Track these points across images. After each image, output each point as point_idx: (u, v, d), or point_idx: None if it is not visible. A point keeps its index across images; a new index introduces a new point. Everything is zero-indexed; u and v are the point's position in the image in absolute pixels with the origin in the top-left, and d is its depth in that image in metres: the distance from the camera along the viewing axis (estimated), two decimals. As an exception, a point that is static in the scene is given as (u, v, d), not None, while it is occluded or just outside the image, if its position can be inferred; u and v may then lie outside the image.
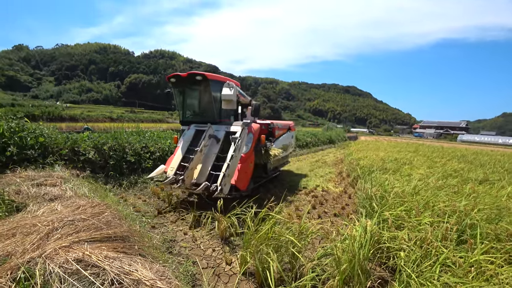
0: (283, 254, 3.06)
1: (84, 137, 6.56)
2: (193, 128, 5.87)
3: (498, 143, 55.42)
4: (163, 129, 17.08)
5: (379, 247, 3.12)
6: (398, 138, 51.14)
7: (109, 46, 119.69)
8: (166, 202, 5.30)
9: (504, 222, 3.41)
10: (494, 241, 3.02)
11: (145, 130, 10.90)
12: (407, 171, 7.45)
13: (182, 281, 2.72)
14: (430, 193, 4.61)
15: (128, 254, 2.35)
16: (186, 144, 5.59)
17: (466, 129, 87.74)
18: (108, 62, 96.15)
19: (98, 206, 3.28)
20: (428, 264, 2.62)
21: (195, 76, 5.67)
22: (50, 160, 5.44)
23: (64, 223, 2.65)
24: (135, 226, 3.60)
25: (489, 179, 7.12)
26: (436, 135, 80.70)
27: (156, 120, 44.64)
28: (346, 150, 16.29)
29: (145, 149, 7.30)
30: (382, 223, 3.52)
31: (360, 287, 2.54)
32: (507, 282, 2.27)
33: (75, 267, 1.95)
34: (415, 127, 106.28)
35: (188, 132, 5.80)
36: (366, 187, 5.39)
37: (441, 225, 3.22)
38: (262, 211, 3.42)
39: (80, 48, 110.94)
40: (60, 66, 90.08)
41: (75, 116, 34.20)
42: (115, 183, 6.10)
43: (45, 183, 4.26)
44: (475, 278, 2.38)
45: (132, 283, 1.90)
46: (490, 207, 4.03)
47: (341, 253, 2.75)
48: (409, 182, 5.65)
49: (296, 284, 2.66)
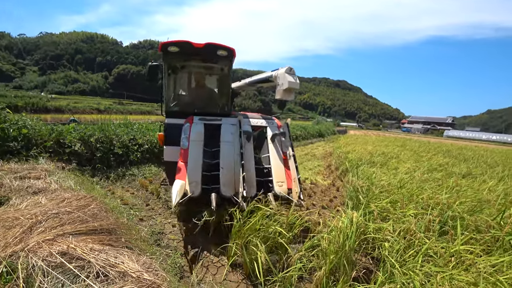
0: (271, 245, 3.10)
1: (69, 129, 6.40)
2: (200, 123, 4.30)
3: (482, 139, 57.11)
4: (151, 121, 16.85)
5: (365, 238, 3.19)
6: (387, 133, 52.00)
7: (96, 35, 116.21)
8: (155, 195, 5.26)
9: (484, 214, 3.54)
10: (474, 232, 3.13)
11: (133, 122, 10.71)
12: (394, 165, 7.60)
13: (170, 273, 2.72)
14: (415, 186, 4.74)
15: (115, 247, 2.33)
16: (200, 146, 4.09)
17: (452, 125, 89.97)
18: (95, 52, 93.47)
19: (84, 198, 3.23)
20: (411, 254, 2.70)
21: (216, 49, 4.35)
22: (34, 152, 5.29)
23: (48, 216, 2.59)
24: (122, 219, 3.56)
25: (472, 173, 7.35)
26: (423, 130, 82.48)
27: (145, 112, 43.92)
28: (335, 143, 16.47)
29: (133, 141, 7.18)
30: (368, 215, 3.60)
31: (345, 277, 2.60)
32: (485, 271, 2.36)
33: (59, 260, 1.92)
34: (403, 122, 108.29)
35: (196, 129, 4.21)
36: (353, 180, 5.48)
37: (424, 217, 3.31)
38: (251, 204, 3.43)
39: (65, 37, 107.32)
40: (44, 56, 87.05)
41: (61, 107, 33.28)
42: (102, 175, 6.00)
43: (28, 176, 4.15)
44: (455, 267, 2.47)
45: (118, 275, 1.89)
46: (471, 200, 4.17)
47: (327, 244, 2.80)
48: (396, 175, 5.78)
49: (283, 274, 2.70)
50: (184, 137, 4.10)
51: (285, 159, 4.32)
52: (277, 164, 4.17)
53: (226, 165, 3.92)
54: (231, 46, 4.44)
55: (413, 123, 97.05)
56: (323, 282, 2.62)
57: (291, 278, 2.69)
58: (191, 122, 4.28)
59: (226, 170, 3.88)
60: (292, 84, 4.01)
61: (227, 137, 4.23)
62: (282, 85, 4.09)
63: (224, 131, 4.28)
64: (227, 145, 4.14)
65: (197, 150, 4.00)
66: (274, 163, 4.18)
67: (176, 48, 4.31)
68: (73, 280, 1.81)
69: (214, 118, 4.42)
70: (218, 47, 4.37)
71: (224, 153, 4.05)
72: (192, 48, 4.34)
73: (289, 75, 4.04)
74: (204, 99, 5.14)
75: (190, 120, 4.30)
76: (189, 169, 3.77)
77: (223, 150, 4.08)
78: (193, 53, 4.49)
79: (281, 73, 4.10)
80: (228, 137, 4.22)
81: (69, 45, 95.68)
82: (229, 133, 4.28)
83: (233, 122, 4.44)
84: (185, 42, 4.29)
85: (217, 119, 4.40)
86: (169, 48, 4.29)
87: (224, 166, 3.90)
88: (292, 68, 4.13)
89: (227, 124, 4.35)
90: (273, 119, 4.79)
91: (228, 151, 4.09)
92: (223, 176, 3.81)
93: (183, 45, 4.30)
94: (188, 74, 5.04)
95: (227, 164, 3.94)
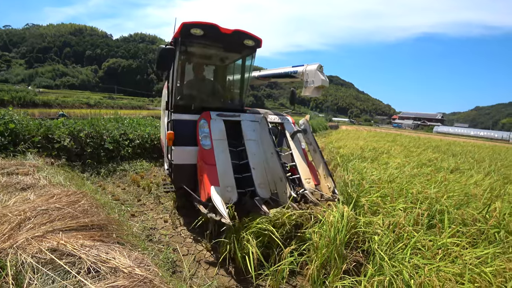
0: (263, 240, 3.12)
1: (58, 124, 6.28)
2: (219, 119, 3.89)
3: (470, 134, 58.32)
4: (143, 116, 16.65)
5: (355, 232, 3.24)
6: (378, 128, 52.63)
7: (86, 28, 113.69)
8: (146, 190, 5.22)
9: (470, 208, 3.64)
10: (460, 225, 3.22)
11: (124, 117, 10.58)
12: (385, 160, 7.71)
13: (162, 268, 2.72)
14: (405, 181, 4.82)
15: (106, 243, 2.31)
16: (225, 146, 3.71)
17: (441, 121, 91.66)
18: (85, 45, 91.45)
19: (74, 194, 3.18)
20: (400, 247, 2.76)
21: (244, 37, 3.97)
22: (21, 148, 5.18)
23: (37, 213, 2.55)
24: (113, 215, 3.53)
25: (460, 168, 7.51)
26: (414, 126, 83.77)
27: (136, 106, 43.42)
28: (327, 138, 16.59)
29: (124, 136, 7.10)
30: (359, 209, 3.66)
31: (336, 270, 2.65)
32: (470, 263, 2.44)
33: (49, 256, 1.89)
34: (394, 117, 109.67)
35: (217, 126, 3.82)
36: (344, 175, 5.55)
37: (413, 211, 3.38)
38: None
39: (53, 29, 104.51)
40: (31, 48, 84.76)
41: (49, 101, 32.63)
42: (92, 171, 5.92)
43: (16, 172, 4.06)
44: (442, 259, 2.54)
45: (109, 271, 1.88)
46: (458, 194, 4.27)
47: (318, 238, 2.84)
48: (386, 170, 5.87)
49: (275, 268, 2.73)
50: (204, 135, 3.69)
51: (306, 155, 4.20)
52: (301, 161, 4.02)
53: (256, 165, 3.64)
54: (258, 36, 4.07)
55: (403, 118, 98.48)
56: (314, 275, 2.66)
57: (282, 272, 2.72)
58: (209, 118, 3.83)
59: (258, 170, 3.61)
60: (324, 82, 3.90)
61: (250, 134, 3.94)
62: (313, 82, 3.95)
63: (246, 128, 3.97)
64: (253, 143, 3.86)
65: (224, 151, 3.63)
66: (298, 160, 4.01)
67: (201, 31, 3.69)
68: (63, 277, 1.80)
69: (232, 114, 4.07)
70: (246, 36, 3.99)
71: (252, 152, 3.75)
72: (218, 34, 3.83)
73: (320, 73, 3.94)
74: (220, 93, 4.75)
75: (207, 116, 3.85)
76: (221, 172, 3.39)
77: (250, 149, 3.77)
78: (218, 39, 3.98)
79: (312, 70, 3.99)
80: (251, 135, 3.93)
81: (57, 37, 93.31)
82: (251, 130, 3.98)
83: (253, 118, 4.16)
84: (211, 25, 3.76)
85: (235, 115, 4.08)
86: (192, 30, 3.66)
87: (255, 166, 3.62)
88: (322, 66, 4.00)
89: (247, 121, 4.05)
90: (286, 116, 4.59)
91: (256, 150, 3.81)
92: (256, 177, 3.52)
93: (208, 29, 3.74)
94: (205, 63, 4.60)
95: (258, 164, 3.67)
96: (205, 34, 3.76)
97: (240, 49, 4.29)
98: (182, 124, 3.93)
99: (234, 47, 4.25)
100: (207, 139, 3.66)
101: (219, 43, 4.15)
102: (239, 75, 4.72)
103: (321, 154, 4.17)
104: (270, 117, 4.37)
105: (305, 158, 4.12)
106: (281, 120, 4.44)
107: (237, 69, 4.80)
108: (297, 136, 4.32)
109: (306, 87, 4.07)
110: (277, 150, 3.71)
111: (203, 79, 4.65)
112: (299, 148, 4.18)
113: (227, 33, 3.86)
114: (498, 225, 3.20)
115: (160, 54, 3.48)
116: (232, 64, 4.97)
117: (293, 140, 4.20)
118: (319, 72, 3.92)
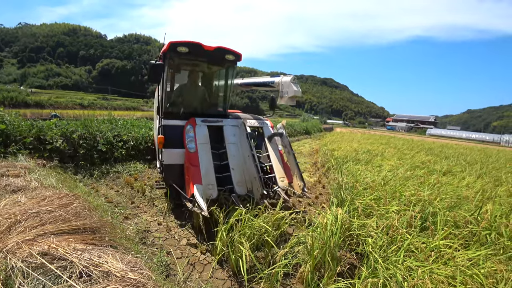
0: (257, 243, 3.12)
1: (50, 125, 6.19)
2: (204, 125, 4.31)
3: (462, 137, 59.11)
4: (137, 117, 16.52)
5: (349, 234, 3.26)
6: (372, 131, 53.06)
7: (79, 27, 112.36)
8: (140, 192, 5.18)
9: (462, 210, 3.69)
10: (453, 227, 3.26)
11: (118, 118, 10.48)
12: (379, 162, 7.77)
13: (155, 272, 2.69)
14: (398, 183, 4.87)
15: (98, 246, 2.28)
16: (208, 149, 4.15)
17: (434, 123, 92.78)
18: (78, 45, 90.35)
19: (66, 197, 3.14)
20: (394, 250, 2.79)
21: (225, 53, 4.46)
22: (12, 149, 5.09)
23: (28, 216, 2.51)
24: (106, 217, 3.49)
25: (452, 170, 7.61)
26: (407, 129, 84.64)
27: (130, 108, 43.08)
28: (321, 141, 16.68)
29: (118, 138, 7.02)
30: (352, 212, 3.68)
31: (330, 272, 2.66)
32: (462, 265, 2.47)
33: (40, 260, 1.86)
34: (388, 120, 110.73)
35: (201, 131, 4.23)
36: (338, 177, 5.57)
37: (407, 213, 3.42)
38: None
39: (46, 28, 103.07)
40: (23, 48, 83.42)
41: (42, 102, 32.21)
42: (85, 173, 5.85)
43: (7, 173, 3.99)
44: (435, 261, 2.57)
45: (101, 275, 1.85)
46: (451, 196, 4.33)
47: (312, 241, 2.84)
48: (380, 172, 5.92)
49: (269, 270, 2.73)
50: (189, 139, 4.14)
51: (281, 156, 4.60)
52: (277, 162, 4.43)
53: (235, 166, 4.11)
54: (238, 51, 4.53)
55: (397, 121, 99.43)
56: (308, 277, 2.67)
57: (277, 275, 2.72)
58: (194, 124, 4.27)
59: (237, 170, 4.08)
60: (296, 92, 4.50)
61: (231, 138, 4.38)
62: (287, 93, 4.53)
63: (228, 133, 4.41)
64: (233, 146, 4.30)
65: (206, 153, 4.09)
66: (274, 161, 4.41)
67: (186, 49, 4.21)
68: (54, 281, 1.77)
69: (215, 120, 4.49)
70: (227, 52, 4.44)
71: (232, 154, 4.22)
72: (202, 51, 4.32)
73: (293, 84, 4.52)
74: (204, 101, 5.13)
75: (193, 122, 4.28)
76: (203, 172, 3.86)
77: (230, 151, 4.24)
78: (202, 55, 4.47)
79: (286, 81, 4.54)
80: (232, 139, 4.38)
81: (50, 37, 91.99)
82: (232, 135, 4.41)
83: (234, 123, 4.57)
84: (195, 44, 4.24)
85: (218, 121, 4.49)
86: (178, 48, 4.17)
87: (234, 167, 4.08)
88: (295, 78, 4.62)
89: (228, 126, 4.47)
90: (265, 120, 4.98)
91: (235, 152, 4.26)
92: (234, 176, 4.00)
93: (193, 46, 4.23)
94: (191, 75, 4.99)
95: (237, 165, 4.13)
96: (190, 51, 4.26)
97: (222, 63, 4.78)
98: (171, 129, 4.33)
99: (217, 62, 4.76)
100: (192, 143, 4.12)
101: (203, 58, 4.68)
102: (223, 84, 5.13)
103: (294, 156, 4.65)
104: (250, 122, 4.78)
105: (280, 159, 4.56)
106: (260, 124, 4.86)
107: (221, 78, 5.23)
108: (275, 139, 4.72)
109: (282, 97, 4.63)
110: (253, 153, 4.17)
111: (190, 89, 5.03)
112: (276, 150, 4.61)
113: (210, 50, 4.35)
114: (489, 227, 3.25)
115: (150, 69, 3.89)
116: (216, 75, 5.39)
117: (271, 143, 4.61)
118: (292, 83, 4.51)
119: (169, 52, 4.23)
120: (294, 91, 4.47)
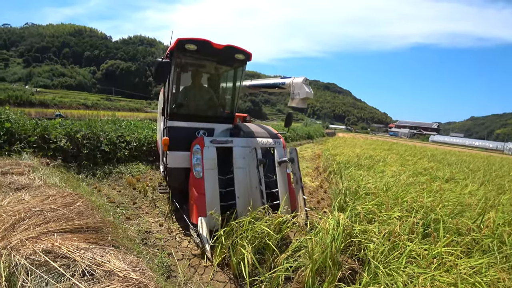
0: (258, 246, 3.12)
1: (55, 124, 6.24)
2: (212, 146, 3.98)
3: (465, 144, 58.87)
4: (140, 118, 16.62)
5: (351, 239, 3.25)
6: (374, 136, 52.92)
7: (85, 29, 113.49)
8: (142, 193, 5.19)
9: (464, 217, 3.67)
10: (455, 234, 3.24)
11: (122, 119, 10.54)
12: (381, 168, 7.75)
13: (157, 272, 2.70)
14: (400, 189, 4.85)
15: (101, 245, 2.29)
16: (215, 175, 3.88)
17: (437, 130, 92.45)
18: (84, 46, 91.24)
19: (69, 196, 3.16)
20: (395, 256, 2.77)
21: (234, 52, 4.22)
22: (17, 147, 5.14)
23: (32, 213, 2.53)
24: (109, 217, 3.50)
25: (455, 177, 7.57)
26: (410, 135, 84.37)
27: (134, 109, 43.37)
28: (323, 145, 16.67)
29: (121, 139, 7.07)
30: (354, 217, 3.67)
31: (331, 277, 2.64)
32: (465, 272, 2.45)
33: (43, 258, 1.87)
34: (391, 126, 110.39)
35: (209, 154, 3.92)
36: (341, 182, 5.57)
37: (409, 220, 3.40)
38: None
39: (52, 29, 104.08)
40: (29, 47, 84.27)
41: (46, 101, 32.41)
42: (88, 173, 5.88)
43: (11, 171, 4.02)
44: (436, 268, 2.56)
45: (104, 274, 1.86)
46: (453, 203, 4.30)
47: (314, 245, 2.84)
48: (382, 178, 5.90)
49: (270, 274, 2.73)
50: (196, 162, 3.89)
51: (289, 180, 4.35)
52: (282, 190, 4.19)
53: (241, 194, 3.90)
54: (248, 50, 4.32)
55: (400, 127, 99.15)
56: (309, 282, 2.66)
57: (278, 279, 2.72)
58: (202, 145, 3.95)
59: (242, 199, 3.87)
60: (309, 94, 4.17)
61: (240, 162, 4.09)
62: (298, 94, 4.24)
63: (237, 155, 4.09)
64: (240, 172, 4.04)
65: (213, 180, 3.83)
66: (280, 188, 4.17)
67: (194, 46, 3.97)
68: (57, 279, 1.78)
69: (224, 140, 4.16)
70: (236, 50, 4.24)
71: (239, 180, 3.96)
72: (211, 49, 4.10)
73: (305, 85, 4.21)
74: (212, 102, 4.92)
75: (201, 143, 3.96)
76: (208, 202, 3.67)
77: (237, 177, 3.97)
78: (210, 53, 4.26)
79: (297, 82, 4.26)
80: (241, 162, 4.09)
81: (56, 37, 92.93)
82: (241, 158, 4.11)
83: (245, 144, 4.23)
84: (204, 41, 4.01)
85: (228, 141, 4.15)
86: (187, 45, 3.92)
87: (240, 195, 3.87)
88: (307, 79, 4.29)
89: (238, 148, 4.15)
90: (279, 138, 4.67)
91: (242, 178, 4.01)
92: (239, 205, 3.80)
93: (201, 44, 4.01)
94: (198, 75, 4.81)
95: (243, 194, 3.91)
96: (198, 49, 4.02)
97: (231, 63, 4.58)
98: (176, 130, 4.19)
99: (226, 61, 4.53)
100: (199, 167, 3.85)
101: (211, 57, 4.45)
102: (231, 85, 4.94)
103: (302, 187, 4.31)
104: (263, 140, 4.44)
105: (287, 186, 4.27)
106: (273, 143, 4.53)
107: (229, 79, 5.03)
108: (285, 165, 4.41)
109: (293, 99, 4.34)
110: (261, 187, 3.91)
111: (197, 89, 4.85)
112: (284, 175, 4.31)
113: (219, 48, 4.11)
114: (492, 235, 3.23)
115: (157, 67, 3.63)
116: (224, 75, 5.22)
117: (280, 167, 4.33)
118: (304, 84, 4.21)
119: (177, 49, 4.03)
120: (306, 93, 4.16)
